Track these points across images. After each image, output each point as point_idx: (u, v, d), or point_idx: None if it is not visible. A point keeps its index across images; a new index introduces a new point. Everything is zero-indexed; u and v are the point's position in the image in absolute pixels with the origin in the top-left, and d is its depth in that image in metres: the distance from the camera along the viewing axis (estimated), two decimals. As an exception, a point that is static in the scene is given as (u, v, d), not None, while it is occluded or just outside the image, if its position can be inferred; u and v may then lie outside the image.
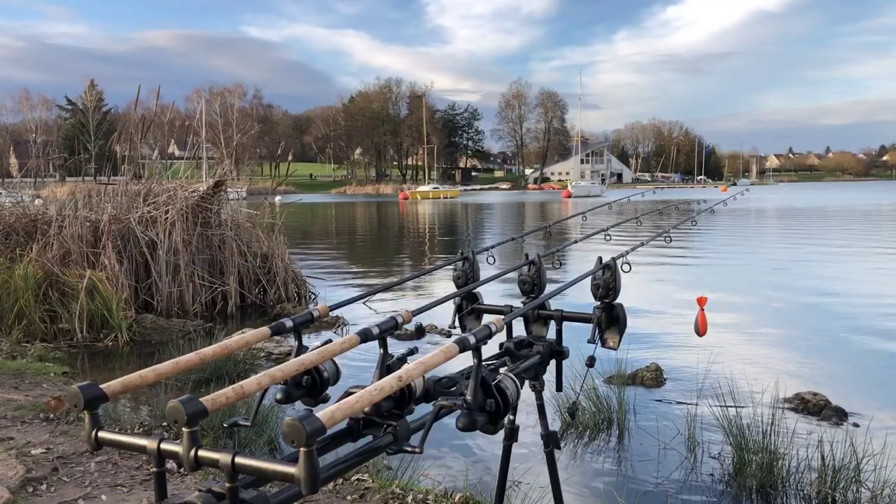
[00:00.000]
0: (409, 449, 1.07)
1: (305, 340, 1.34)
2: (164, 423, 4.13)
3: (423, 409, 1.18)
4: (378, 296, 9.79)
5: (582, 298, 1.86)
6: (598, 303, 1.74)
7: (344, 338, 1.22)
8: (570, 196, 63.21)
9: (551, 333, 1.72)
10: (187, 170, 9.99)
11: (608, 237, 2.80)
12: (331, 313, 1.46)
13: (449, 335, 6.65)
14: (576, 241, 2.61)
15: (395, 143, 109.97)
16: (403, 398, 1.13)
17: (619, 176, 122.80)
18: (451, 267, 1.93)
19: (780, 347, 6.69)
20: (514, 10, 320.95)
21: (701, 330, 2.22)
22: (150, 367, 1.06)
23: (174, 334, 6.97)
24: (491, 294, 1.91)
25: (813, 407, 4.67)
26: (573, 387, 2.57)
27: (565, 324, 1.71)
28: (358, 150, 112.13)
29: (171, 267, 8.12)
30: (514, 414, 1.71)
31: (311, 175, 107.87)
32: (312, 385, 1.23)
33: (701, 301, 2.25)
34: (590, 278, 1.76)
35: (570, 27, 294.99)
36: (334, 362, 1.25)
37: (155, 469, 0.90)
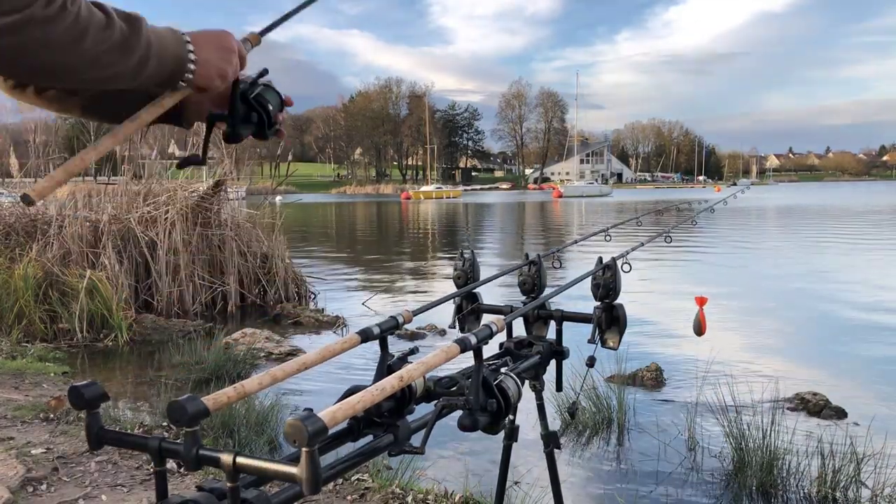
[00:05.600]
0: (411, 449, 1.07)
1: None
2: (165, 423, 4.13)
3: (423, 409, 1.18)
4: (378, 296, 9.80)
5: (582, 298, 1.87)
6: (599, 303, 1.74)
7: (345, 338, 1.23)
8: (560, 196, 62.68)
9: (551, 333, 1.72)
10: (187, 170, 9.98)
11: (608, 237, 2.80)
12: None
13: (446, 331, 6.65)
14: (576, 241, 2.60)
15: (395, 143, 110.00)
16: (404, 398, 1.12)
17: (620, 176, 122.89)
18: (452, 266, 1.93)
19: (781, 347, 6.69)
20: (518, 11, 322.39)
21: (702, 329, 2.23)
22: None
23: (174, 334, 6.97)
24: (491, 294, 1.91)
25: (813, 407, 4.67)
26: (573, 387, 2.58)
27: (565, 324, 1.71)
28: (358, 150, 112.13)
29: (171, 267, 8.11)
30: (514, 414, 1.71)
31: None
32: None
33: (700, 301, 2.26)
34: (590, 278, 1.76)
35: (573, 27, 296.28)
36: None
37: (156, 468, 0.90)
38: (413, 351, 1.24)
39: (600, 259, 1.78)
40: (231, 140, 1.09)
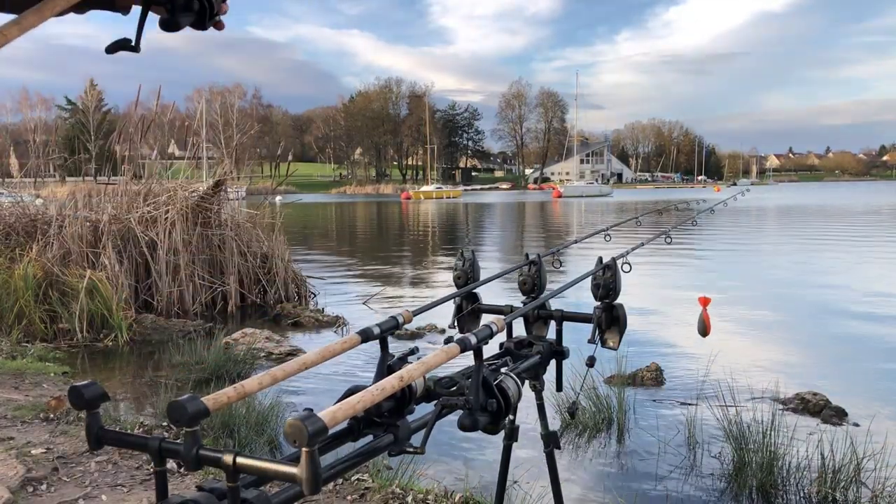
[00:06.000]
0: (411, 449, 1.07)
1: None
2: (165, 423, 4.13)
3: (423, 409, 1.18)
4: (378, 296, 9.80)
5: (582, 298, 1.86)
6: (599, 303, 1.74)
7: (345, 338, 1.22)
8: (560, 196, 62.88)
9: (551, 333, 1.72)
10: (187, 170, 9.99)
11: (608, 237, 2.80)
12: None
13: (443, 331, 6.63)
14: (576, 241, 2.60)
15: (395, 143, 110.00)
16: (404, 398, 1.12)
17: (620, 176, 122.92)
18: (453, 266, 1.93)
19: (781, 347, 6.69)
20: (518, 11, 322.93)
21: (707, 329, 2.23)
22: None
23: (174, 334, 6.97)
24: (491, 294, 1.91)
25: (813, 407, 4.67)
26: (573, 387, 2.57)
27: (565, 324, 1.71)
28: (358, 150, 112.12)
29: (171, 267, 8.12)
30: (514, 414, 1.71)
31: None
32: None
33: (703, 301, 2.26)
34: (590, 278, 1.76)
35: (573, 27, 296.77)
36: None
37: (156, 468, 0.89)
38: (413, 351, 1.24)
39: (600, 259, 1.78)
40: (168, 28, 0.99)
